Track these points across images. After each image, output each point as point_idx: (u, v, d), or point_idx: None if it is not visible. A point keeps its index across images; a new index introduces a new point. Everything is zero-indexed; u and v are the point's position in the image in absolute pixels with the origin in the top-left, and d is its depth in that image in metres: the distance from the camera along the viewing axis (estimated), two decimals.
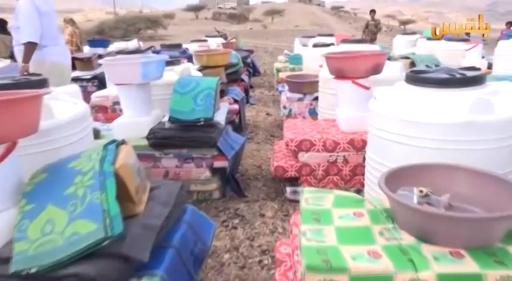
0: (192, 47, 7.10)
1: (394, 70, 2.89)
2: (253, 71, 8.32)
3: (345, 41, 4.70)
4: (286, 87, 4.09)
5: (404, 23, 39.36)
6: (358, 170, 2.45)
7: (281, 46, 16.05)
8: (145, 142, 2.49)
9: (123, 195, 1.25)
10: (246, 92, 5.45)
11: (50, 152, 1.68)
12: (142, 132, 2.54)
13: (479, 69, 1.89)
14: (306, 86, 3.84)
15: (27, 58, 3.31)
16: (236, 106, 3.93)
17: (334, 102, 2.91)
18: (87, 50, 7.36)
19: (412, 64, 3.87)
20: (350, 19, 43.35)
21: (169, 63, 3.14)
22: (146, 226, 1.24)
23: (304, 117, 3.93)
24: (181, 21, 37.73)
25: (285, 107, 3.94)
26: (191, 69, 3.52)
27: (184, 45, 7.50)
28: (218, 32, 10.81)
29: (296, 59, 6.70)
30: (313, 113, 3.90)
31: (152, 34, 26.83)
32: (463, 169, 1.41)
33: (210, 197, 2.58)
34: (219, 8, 49.86)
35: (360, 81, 2.49)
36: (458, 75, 1.76)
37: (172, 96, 2.60)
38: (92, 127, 2.01)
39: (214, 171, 2.57)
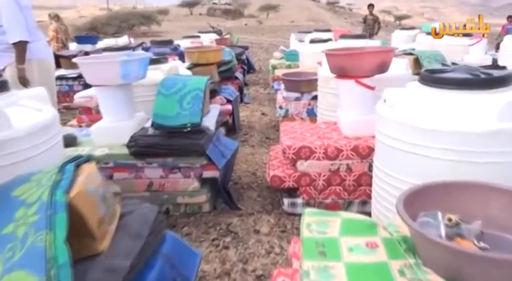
0: (184, 44, 6.82)
1: (400, 68, 2.65)
2: (248, 68, 8.06)
3: (343, 36, 4.46)
4: (283, 85, 3.84)
5: (399, 18, 39.09)
6: (363, 180, 2.21)
7: (277, 42, 15.78)
8: (126, 150, 2.24)
9: (81, 229, 1.00)
10: (240, 90, 5.19)
11: (5, 168, 1.44)
12: (123, 138, 2.28)
13: (504, 67, 1.64)
14: (303, 85, 3.59)
15: (21, 59, 2.98)
16: (229, 106, 3.68)
17: (335, 102, 2.67)
18: (74, 47, 7.06)
19: (416, 61, 3.62)
20: (345, 14, 43.05)
21: (155, 61, 2.88)
22: (110, 268, 0.99)
23: (302, 119, 3.68)
24: (176, 17, 37.30)
25: (281, 107, 3.70)
26: (179, 67, 3.26)
27: (176, 42, 7.24)
28: (212, 27, 10.52)
29: (292, 56, 6.44)
30: (312, 114, 3.66)
31: (146, 30, 26.44)
32: (498, 189, 1.17)
33: (199, 211, 2.32)
34: (214, 3, 49.33)
35: (364, 80, 2.25)
36: (482, 75, 1.52)
37: (156, 98, 2.34)
38: (60, 137, 1.76)
39: (204, 181, 2.31)
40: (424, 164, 1.51)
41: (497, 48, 6.20)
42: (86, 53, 5.38)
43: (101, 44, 7.28)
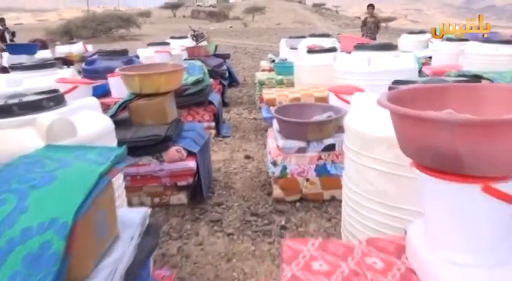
0: (146, 53, 5.40)
1: None
2: (230, 80, 6.68)
3: (361, 47, 3.10)
4: (276, 126, 2.45)
5: (385, 20, 38.22)
6: None
7: (263, 46, 14.43)
8: None
9: None
10: (217, 119, 3.80)
11: None
12: None
13: None
14: (312, 129, 2.22)
15: None
16: (190, 163, 2.29)
17: (395, 195, 1.33)
18: (5, 57, 5.58)
19: None
20: (332, 16, 42.18)
21: (21, 107, 1.45)
22: None
23: (308, 181, 2.31)
24: (158, 20, 35.95)
25: (275, 163, 2.31)
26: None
27: (139, 50, 5.81)
28: (193, 31, 9.14)
29: (284, 68, 5.07)
30: (324, 173, 2.30)
31: (124, 33, 24.87)
32: None
33: None
34: (198, 5, 48.00)
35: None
36: None
37: None
38: None
39: None
40: None
41: None
42: (4, 69, 3.95)
43: (42, 54, 5.79)
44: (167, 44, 5.81)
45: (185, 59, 4.98)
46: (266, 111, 3.73)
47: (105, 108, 3.69)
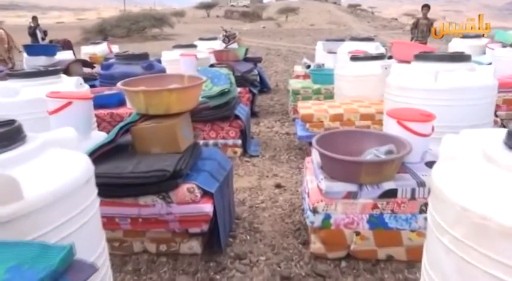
0: (171, 56, 4.98)
1: None
2: (261, 86, 6.17)
3: (425, 56, 2.48)
4: (317, 159, 1.89)
5: None
6: None
7: (296, 48, 13.84)
8: None
9: None
10: (244, 136, 3.29)
11: None
12: None
13: None
14: (366, 170, 1.65)
15: None
16: (206, 207, 1.77)
17: None
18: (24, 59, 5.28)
19: None
20: (368, 18, 41.00)
21: None
22: None
23: (358, 234, 1.76)
24: (192, 20, 36.18)
25: (315, 211, 1.76)
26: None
27: (164, 53, 5.39)
28: (225, 31, 8.74)
29: (322, 76, 4.50)
30: (379, 226, 1.74)
31: (157, 33, 24.99)
32: None
33: None
34: (232, 5, 47.95)
35: None
36: None
37: None
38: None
39: None
40: None
41: None
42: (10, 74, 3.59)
43: (63, 55, 5.47)
44: (194, 46, 5.35)
45: (211, 65, 4.51)
46: (302, 129, 3.19)
47: (120, 120, 3.27)
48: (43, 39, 8.81)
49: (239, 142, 3.25)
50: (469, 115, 2.28)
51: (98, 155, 1.74)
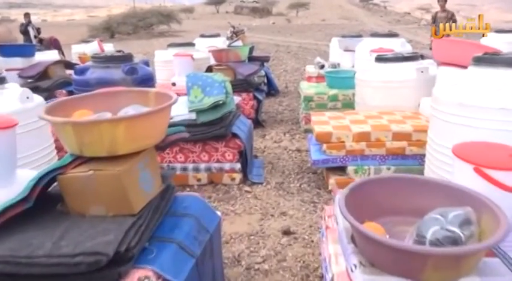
0: (164, 57, 4.33)
1: None
2: (269, 89, 5.50)
3: (492, 59, 1.78)
4: (347, 230, 1.22)
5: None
6: None
7: (307, 44, 13.10)
8: None
9: None
10: (244, 157, 2.63)
11: None
12: None
13: None
14: (434, 264, 0.98)
15: None
16: None
17: None
18: None
19: None
20: (380, 12, 39.99)
21: None
22: None
23: None
24: (201, 16, 35.75)
25: None
26: None
27: (157, 52, 4.74)
28: (233, 27, 8.12)
29: (339, 80, 3.81)
30: None
31: (164, 30, 24.50)
32: None
33: None
34: (241, 1, 47.31)
35: None
36: None
37: None
38: None
39: None
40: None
41: None
42: None
43: (46, 55, 4.85)
44: (192, 45, 4.69)
45: (208, 67, 3.87)
46: (317, 151, 2.51)
47: None
48: (35, 37, 8.24)
49: (238, 165, 2.59)
50: None
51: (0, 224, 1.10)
